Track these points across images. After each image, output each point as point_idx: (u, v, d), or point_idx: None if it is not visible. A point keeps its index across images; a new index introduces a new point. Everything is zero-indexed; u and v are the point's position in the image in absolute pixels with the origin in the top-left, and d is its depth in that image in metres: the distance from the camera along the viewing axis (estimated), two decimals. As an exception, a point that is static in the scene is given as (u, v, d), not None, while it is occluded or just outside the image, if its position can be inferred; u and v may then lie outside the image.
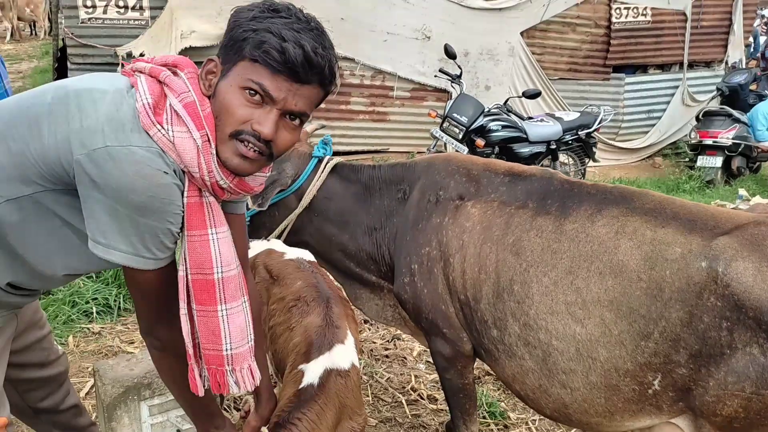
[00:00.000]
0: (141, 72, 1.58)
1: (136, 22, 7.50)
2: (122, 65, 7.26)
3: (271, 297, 2.62)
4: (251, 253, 2.57)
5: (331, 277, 2.82)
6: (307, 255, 2.88)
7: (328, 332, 2.29)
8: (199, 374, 1.67)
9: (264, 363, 2.05)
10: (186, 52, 7.65)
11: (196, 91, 1.53)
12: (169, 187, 1.48)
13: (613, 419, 2.16)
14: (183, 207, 1.54)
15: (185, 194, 1.54)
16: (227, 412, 3.23)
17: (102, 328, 4.07)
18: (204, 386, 1.69)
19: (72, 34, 7.35)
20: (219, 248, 1.60)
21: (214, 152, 1.52)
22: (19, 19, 16.54)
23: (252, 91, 1.49)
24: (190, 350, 1.64)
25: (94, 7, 7.36)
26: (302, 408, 2.05)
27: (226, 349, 1.64)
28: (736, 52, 10.33)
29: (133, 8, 7.46)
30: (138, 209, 1.45)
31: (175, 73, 1.57)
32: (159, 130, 1.48)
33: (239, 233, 1.85)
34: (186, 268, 1.59)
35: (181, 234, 1.59)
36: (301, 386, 2.12)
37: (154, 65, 1.59)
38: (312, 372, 2.15)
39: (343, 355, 2.23)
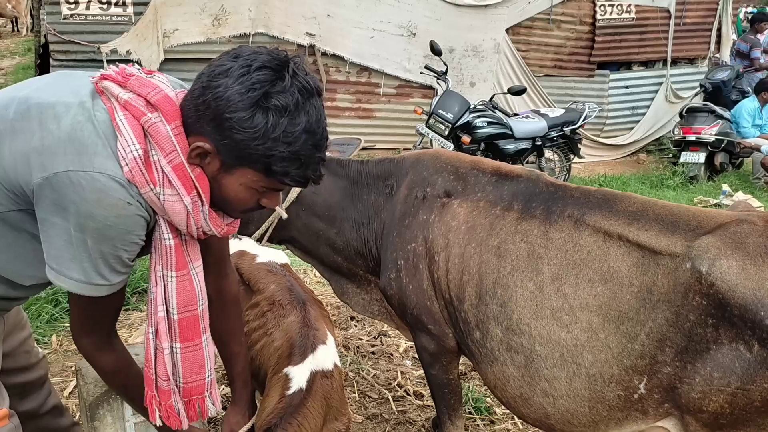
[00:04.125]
0: (115, 97, 1.46)
1: (119, 18, 7.45)
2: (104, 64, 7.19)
3: (243, 302, 2.59)
4: None
5: (302, 281, 2.80)
6: (279, 257, 2.86)
7: (309, 333, 2.28)
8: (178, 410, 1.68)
9: (243, 352, 2.04)
10: (172, 49, 7.62)
11: (184, 149, 1.45)
12: (131, 218, 1.43)
13: (598, 428, 2.14)
14: (153, 240, 1.54)
15: (167, 237, 1.53)
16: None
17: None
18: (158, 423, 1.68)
19: (54, 30, 7.29)
20: (199, 282, 1.63)
21: (206, 210, 1.52)
22: (0, 15, 16.34)
23: (263, 189, 1.52)
24: (174, 388, 1.64)
25: (76, 3, 7.30)
26: (294, 413, 2.04)
27: (208, 376, 1.69)
28: (725, 50, 10.43)
29: (116, 4, 7.41)
30: (93, 236, 1.40)
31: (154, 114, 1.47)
32: (151, 190, 1.43)
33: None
34: (171, 309, 1.59)
35: (152, 271, 1.58)
36: (290, 391, 2.11)
37: (132, 96, 1.46)
38: (299, 376, 2.14)
39: (326, 356, 2.22)
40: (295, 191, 2.76)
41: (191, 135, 1.46)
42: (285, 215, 2.41)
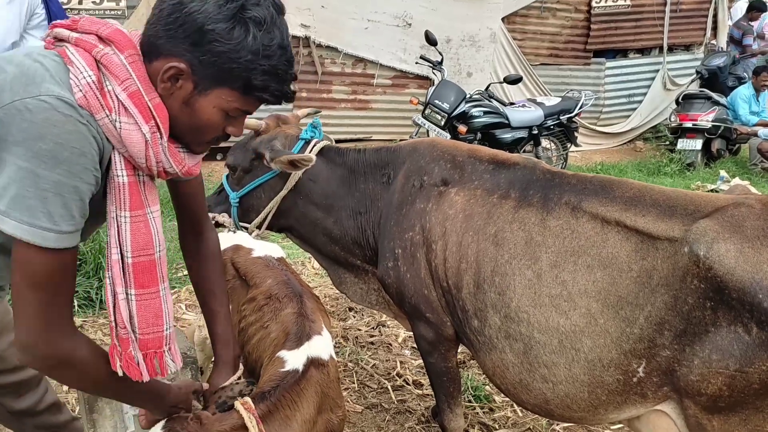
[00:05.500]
0: (65, 41, 1.43)
1: (112, 13, 7.40)
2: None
3: (240, 297, 2.59)
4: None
5: (299, 276, 2.80)
6: (275, 251, 2.86)
7: (305, 323, 2.28)
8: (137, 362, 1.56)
9: (224, 312, 1.98)
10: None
11: (140, 77, 1.43)
12: (83, 136, 1.35)
13: (597, 413, 2.15)
14: (107, 180, 1.48)
15: (120, 174, 1.48)
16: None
17: (84, 321, 4.04)
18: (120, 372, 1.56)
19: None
20: (156, 227, 1.57)
21: (165, 143, 1.48)
22: (-7, 11, 16.25)
23: (235, 113, 1.51)
24: (132, 338, 1.54)
25: (69, -4, 7.25)
26: (288, 389, 2.02)
27: (167, 329, 1.60)
28: (721, 37, 10.43)
29: (108, -2, 7.37)
30: (44, 160, 1.30)
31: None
32: (107, 116, 1.39)
33: (198, 192, 1.89)
34: (125, 252, 1.51)
35: (108, 214, 1.51)
36: (285, 369, 2.10)
37: (81, 34, 1.44)
38: (294, 359, 2.13)
39: (322, 347, 2.22)
40: (294, 177, 2.75)
41: (160, 58, 1.43)
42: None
